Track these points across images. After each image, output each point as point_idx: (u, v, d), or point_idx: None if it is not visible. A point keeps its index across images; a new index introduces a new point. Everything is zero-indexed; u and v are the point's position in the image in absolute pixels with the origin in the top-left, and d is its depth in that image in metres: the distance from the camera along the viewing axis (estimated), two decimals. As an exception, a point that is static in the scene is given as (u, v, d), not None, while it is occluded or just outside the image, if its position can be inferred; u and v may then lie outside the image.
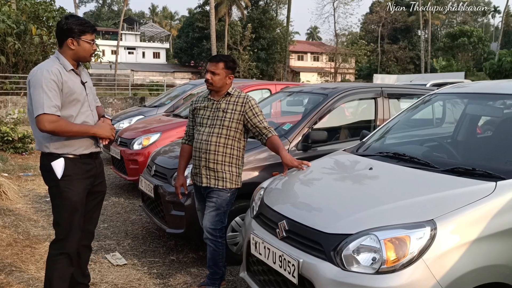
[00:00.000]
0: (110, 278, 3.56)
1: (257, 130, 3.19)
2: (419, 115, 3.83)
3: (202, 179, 3.19)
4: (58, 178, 2.69)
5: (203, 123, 3.22)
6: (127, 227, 4.91)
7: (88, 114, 2.82)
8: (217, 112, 3.19)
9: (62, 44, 2.74)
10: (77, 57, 2.78)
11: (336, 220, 2.33)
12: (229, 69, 3.20)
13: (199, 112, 3.29)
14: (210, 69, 3.18)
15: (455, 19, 63.97)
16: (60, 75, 2.65)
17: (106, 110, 17.73)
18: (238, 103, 3.18)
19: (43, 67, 2.66)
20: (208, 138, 3.15)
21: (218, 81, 3.16)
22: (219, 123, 3.15)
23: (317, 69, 48.37)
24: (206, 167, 3.16)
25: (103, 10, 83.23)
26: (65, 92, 2.66)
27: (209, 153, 3.14)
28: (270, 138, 3.18)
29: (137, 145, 6.14)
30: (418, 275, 2.02)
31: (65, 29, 2.70)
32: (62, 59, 2.73)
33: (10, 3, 14.68)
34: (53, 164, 2.70)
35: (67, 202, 2.72)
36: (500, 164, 2.60)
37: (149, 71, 49.74)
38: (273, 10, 52.01)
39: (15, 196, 5.58)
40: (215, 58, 3.22)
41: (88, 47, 2.77)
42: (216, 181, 3.16)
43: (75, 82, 2.75)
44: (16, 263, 3.76)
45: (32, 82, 2.62)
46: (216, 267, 3.24)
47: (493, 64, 30.21)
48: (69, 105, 2.70)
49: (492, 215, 2.15)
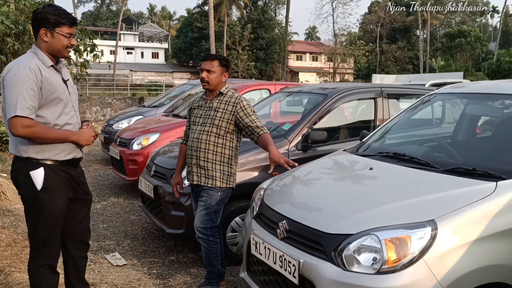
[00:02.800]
0: (110, 279, 3.55)
1: (249, 130, 3.17)
2: (419, 115, 3.83)
3: (193, 177, 3.22)
4: (37, 189, 2.43)
5: (196, 122, 3.26)
6: (127, 227, 4.90)
7: (72, 115, 2.56)
8: (209, 111, 3.22)
9: (36, 35, 2.46)
10: (51, 51, 2.48)
11: (337, 220, 2.33)
12: (224, 67, 3.25)
13: (193, 111, 3.34)
14: (206, 67, 3.21)
15: (453, 19, 64.04)
16: (40, 72, 2.37)
17: (105, 110, 17.75)
18: (230, 103, 3.19)
19: (20, 62, 2.37)
20: (199, 136, 3.18)
21: (214, 79, 3.20)
22: (210, 122, 3.17)
23: (316, 69, 48.31)
24: (197, 165, 3.19)
25: (101, 10, 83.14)
26: (46, 90, 2.39)
27: (200, 151, 3.17)
28: (261, 136, 3.13)
29: (136, 145, 6.13)
30: (419, 275, 2.01)
31: (39, 18, 2.42)
32: (40, 54, 2.46)
33: (9, 3, 14.66)
34: (32, 174, 2.42)
35: (47, 214, 2.47)
36: (500, 164, 2.60)
37: (148, 71, 49.69)
38: (272, 10, 52.07)
39: (14, 197, 5.57)
40: (210, 57, 3.27)
41: (63, 41, 2.47)
42: (206, 179, 3.17)
43: (56, 79, 2.48)
44: (16, 263, 3.75)
45: (7, 79, 2.33)
46: (211, 266, 3.25)
47: (492, 64, 30.26)
48: (50, 104, 2.43)
49: (492, 215, 2.15)
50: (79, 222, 2.73)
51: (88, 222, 2.85)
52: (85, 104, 17.61)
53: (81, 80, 9.03)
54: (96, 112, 17.66)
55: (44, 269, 2.58)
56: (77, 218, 2.71)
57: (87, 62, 9.96)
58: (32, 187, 2.45)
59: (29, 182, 2.45)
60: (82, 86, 20.02)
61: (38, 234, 2.53)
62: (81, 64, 10.17)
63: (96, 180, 7.21)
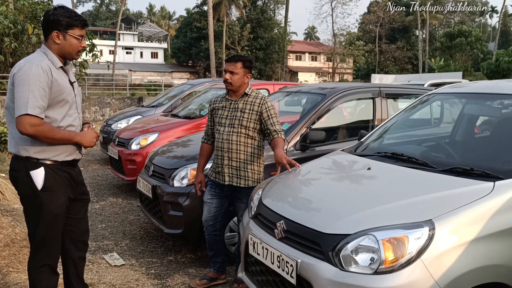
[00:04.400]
0: (108, 279, 3.55)
1: (267, 132, 3.26)
2: (417, 115, 3.83)
3: (224, 178, 3.26)
4: (37, 189, 2.43)
5: (221, 123, 3.30)
6: (125, 227, 4.90)
7: (75, 117, 2.57)
8: (235, 112, 3.26)
9: (47, 37, 2.47)
10: (62, 53, 2.50)
11: (335, 220, 2.32)
12: (247, 68, 3.28)
13: (217, 112, 3.36)
14: (229, 69, 3.24)
15: (452, 19, 64.05)
16: (51, 73, 2.39)
17: (104, 110, 17.73)
18: (255, 103, 3.25)
19: (32, 61, 2.37)
20: (229, 137, 3.23)
21: (237, 80, 3.24)
22: (238, 123, 3.22)
23: (315, 69, 48.35)
24: (229, 165, 3.24)
25: (101, 10, 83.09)
26: (54, 91, 2.41)
27: (231, 152, 3.22)
28: (274, 139, 3.22)
29: (135, 145, 6.13)
30: (416, 275, 2.01)
31: (51, 20, 2.43)
32: (50, 55, 2.46)
33: (8, 3, 14.64)
34: (32, 174, 2.42)
35: (47, 214, 2.47)
36: (498, 164, 2.60)
37: (147, 71, 49.69)
38: (271, 10, 52.06)
39: (12, 197, 5.56)
40: (234, 58, 3.30)
41: (75, 43, 2.49)
42: (238, 179, 3.23)
43: (64, 80, 2.50)
44: (14, 263, 3.74)
45: (18, 77, 2.33)
46: None
47: (491, 64, 30.31)
48: (56, 105, 2.44)
49: (490, 215, 2.15)
50: (79, 222, 2.74)
51: (86, 221, 2.85)
52: (84, 104, 17.58)
53: (80, 80, 9.04)
54: (95, 112, 17.65)
55: (44, 269, 2.57)
56: (77, 217, 2.72)
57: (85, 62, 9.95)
58: (32, 187, 2.44)
59: (29, 182, 2.44)
60: (81, 86, 19.99)
61: (38, 234, 2.52)
62: (80, 64, 10.17)
63: (94, 180, 7.20)
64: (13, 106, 2.37)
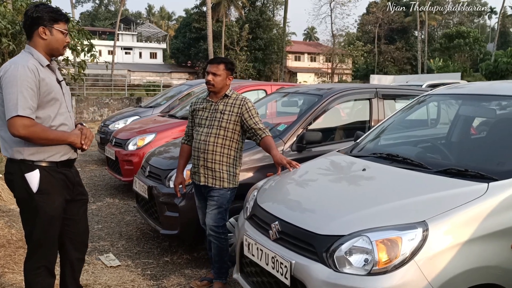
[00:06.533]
0: (103, 280, 3.54)
1: (252, 132, 3.26)
2: (414, 116, 3.83)
3: (200, 178, 3.28)
4: (33, 192, 2.41)
5: (201, 124, 3.31)
6: (122, 228, 4.89)
7: (66, 116, 2.54)
8: (215, 113, 3.28)
9: (32, 34, 2.43)
10: (50, 49, 2.47)
11: (329, 221, 2.32)
12: (229, 70, 3.31)
13: (198, 113, 3.38)
14: (212, 70, 3.26)
15: (451, 20, 64.12)
16: (38, 72, 2.36)
17: (102, 110, 17.72)
18: (235, 105, 3.27)
19: (18, 62, 2.34)
20: (206, 139, 3.24)
21: (220, 82, 3.26)
22: (217, 124, 3.24)
23: (314, 69, 48.35)
24: (205, 166, 3.25)
25: (100, 10, 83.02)
26: (43, 90, 2.38)
27: (207, 153, 3.23)
28: (263, 139, 3.25)
29: (132, 146, 6.12)
30: (410, 276, 2.01)
31: (35, 17, 2.40)
32: (36, 54, 2.43)
33: (6, 3, 14.61)
34: (27, 176, 2.40)
35: (43, 216, 2.45)
36: (492, 165, 2.60)
37: (146, 71, 49.62)
38: (270, 11, 52.03)
39: (8, 197, 5.55)
40: (216, 60, 3.32)
41: (61, 38, 2.48)
42: (213, 180, 3.24)
43: (51, 79, 2.47)
44: (9, 264, 3.73)
45: (5, 79, 2.30)
46: (222, 262, 3.35)
47: (489, 65, 30.32)
48: (46, 105, 2.41)
49: (484, 216, 2.15)
50: (77, 223, 2.72)
51: (86, 222, 2.83)
52: (82, 104, 17.57)
53: (78, 81, 9.02)
54: (94, 112, 17.64)
55: (40, 271, 2.56)
56: (75, 218, 2.70)
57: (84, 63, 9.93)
58: (27, 190, 2.42)
59: (24, 185, 2.42)
60: (79, 86, 19.98)
61: (35, 236, 2.51)
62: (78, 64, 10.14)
63: (91, 181, 7.19)
64: (3, 110, 2.34)
